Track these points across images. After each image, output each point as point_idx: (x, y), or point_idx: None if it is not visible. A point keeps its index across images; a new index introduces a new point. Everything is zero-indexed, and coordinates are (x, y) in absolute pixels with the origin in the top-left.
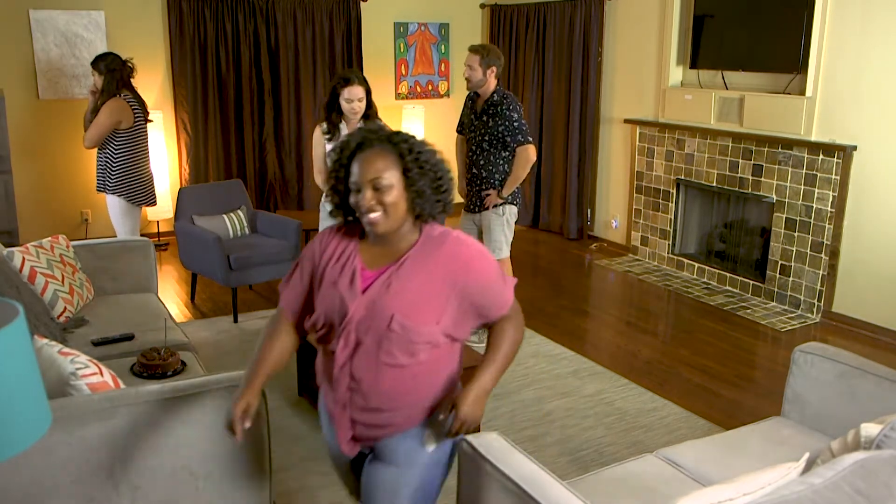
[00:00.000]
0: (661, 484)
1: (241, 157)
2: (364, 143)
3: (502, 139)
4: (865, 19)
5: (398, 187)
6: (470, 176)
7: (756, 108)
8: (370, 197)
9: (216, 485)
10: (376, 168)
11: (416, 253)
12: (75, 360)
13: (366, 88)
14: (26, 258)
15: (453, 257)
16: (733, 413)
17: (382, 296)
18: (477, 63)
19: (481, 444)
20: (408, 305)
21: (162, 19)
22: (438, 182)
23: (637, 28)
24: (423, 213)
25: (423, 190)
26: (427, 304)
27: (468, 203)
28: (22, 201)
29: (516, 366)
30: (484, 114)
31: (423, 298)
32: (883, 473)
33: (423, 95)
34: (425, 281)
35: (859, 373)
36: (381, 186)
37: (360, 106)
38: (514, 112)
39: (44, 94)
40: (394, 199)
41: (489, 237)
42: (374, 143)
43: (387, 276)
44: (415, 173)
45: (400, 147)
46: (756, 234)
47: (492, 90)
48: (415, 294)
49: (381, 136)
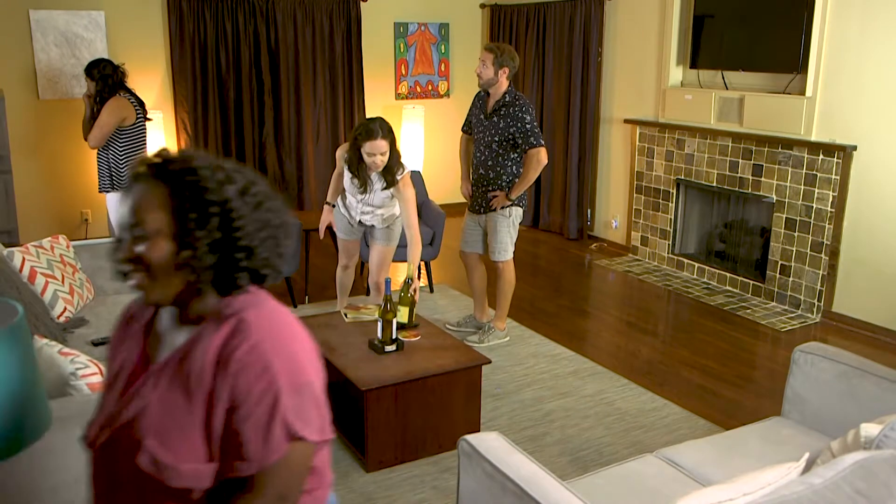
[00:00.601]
0: (661, 484)
1: (241, 157)
2: (136, 176)
3: (513, 140)
4: (865, 19)
5: (166, 238)
6: (476, 176)
7: (756, 108)
8: (126, 249)
9: None
10: (135, 208)
11: (188, 344)
12: (75, 360)
13: (390, 140)
14: (26, 258)
15: (226, 355)
16: (733, 413)
17: (123, 410)
18: (490, 61)
19: (481, 444)
20: (158, 428)
21: (162, 19)
22: (248, 239)
23: (637, 28)
24: (203, 283)
25: (200, 247)
26: (182, 428)
27: (473, 204)
28: (22, 201)
29: (516, 366)
30: (494, 114)
31: (176, 419)
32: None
33: (423, 95)
34: (181, 390)
35: (859, 373)
36: (139, 234)
37: (382, 160)
38: (527, 114)
39: (44, 94)
40: (159, 255)
41: (494, 238)
42: (141, 178)
43: (144, 379)
44: (196, 219)
45: (179, 178)
46: (756, 234)
47: (503, 91)
48: (162, 411)
49: (155, 164)
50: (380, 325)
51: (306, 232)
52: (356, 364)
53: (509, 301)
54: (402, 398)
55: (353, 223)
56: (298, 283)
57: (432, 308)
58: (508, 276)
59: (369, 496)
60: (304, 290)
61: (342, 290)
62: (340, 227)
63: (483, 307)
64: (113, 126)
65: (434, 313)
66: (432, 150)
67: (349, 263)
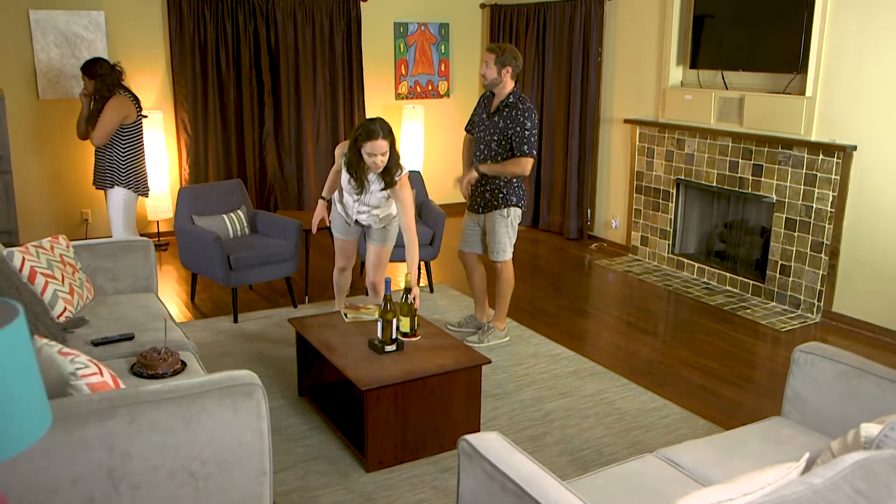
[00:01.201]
0: (661, 484)
1: (241, 157)
2: None
3: (510, 141)
4: (865, 19)
5: None
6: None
7: (756, 108)
8: None
9: (216, 485)
10: None
11: None
12: (75, 360)
13: (390, 141)
14: (26, 258)
15: None
16: (733, 413)
17: None
18: (492, 61)
19: (481, 444)
20: None
21: (162, 19)
22: None
23: (637, 28)
24: None
25: None
26: None
27: (472, 203)
28: (22, 201)
29: (517, 366)
30: (497, 113)
31: None
32: (883, 473)
33: (422, 95)
34: None
35: (859, 373)
36: None
37: (382, 161)
38: (528, 120)
39: (44, 94)
40: None
41: (493, 239)
42: None
43: None
44: None
45: None
46: (756, 234)
47: (508, 91)
48: None
49: None
50: (380, 325)
51: (306, 232)
52: (356, 364)
53: (508, 301)
54: (402, 398)
55: (349, 222)
56: (298, 283)
57: (432, 308)
58: (507, 277)
59: (369, 496)
60: (304, 290)
61: (339, 293)
62: (337, 226)
63: (484, 307)
64: (116, 124)
65: (434, 313)
66: (432, 150)
67: (346, 265)
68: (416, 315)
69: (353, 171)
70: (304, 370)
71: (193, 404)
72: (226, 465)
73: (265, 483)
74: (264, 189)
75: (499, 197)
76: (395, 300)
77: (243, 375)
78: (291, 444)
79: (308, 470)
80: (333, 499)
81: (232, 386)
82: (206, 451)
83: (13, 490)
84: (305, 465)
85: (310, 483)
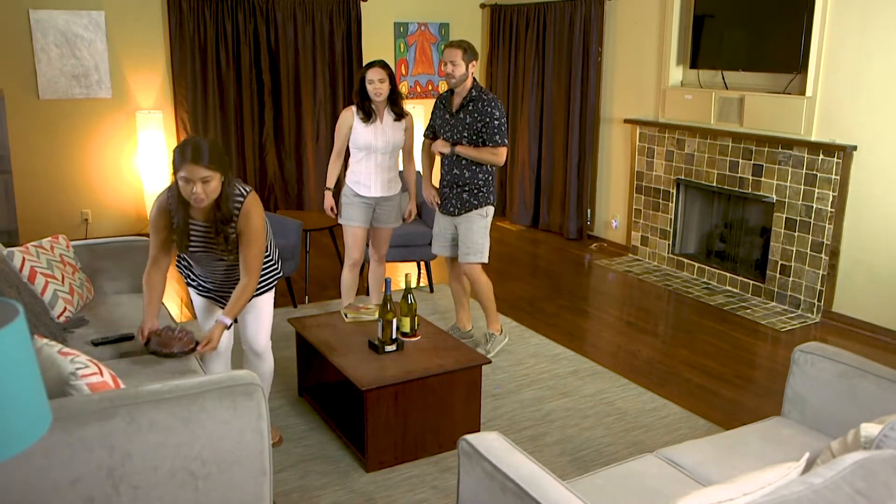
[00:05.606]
0: (661, 484)
1: (241, 157)
2: None
3: (480, 135)
4: (865, 19)
5: None
6: (450, 178)
7: (756, 108)
8: None
9: (216, 485)
10: None
11: None
12: (75, 360)
13: (388, 72)
14: (26, 258)
15: None
16: (733, 413)
17: None
18: (459, 57)
19: (481, 444)
20: None
21: (162, 19)
22: None
23: (637, 28)
24: None
25: None
26: None
27: (446, 205)
28: (22, 201)
29: (517, 366)
30: (462, 110)
31: None
32: (883, 473)
33: (423, 95)
34: None
35: (859, 373)
36: None
37: (381, 87)
38: (496, 110)
39: (44, 94)
40: None
41: (470, 240)
42: None
43: None
44: None
45: None
46: (756, 234)
47: (469, 86)
48: None
49: None
50: (380, 325)
51: (306, 232)
52: (356, 364)
53: (493, 302)
54: (402, 398)
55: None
56: (298, 283)
57: (432, 308)
58: (484, 279)
59: (369, 496)
60: (304, 290)
61: (349, 291)
62: (349, 214)
63: (467, 311)
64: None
65: (434, 313)
66: None
67: (359, 258)
68: (417, 315)
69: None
70: (304, 370)
71: (193, 404)
72: (226, 465)
73: (265, 483)
74: (264, 189)
75: (479, 196)
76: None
77: (243, 375)
78: (291, 444)
79: (308, 470)
80: (333, 499)
81: (232, 386)
82: (206, 450)
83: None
84: (305, 465)
85: (310, 483)
